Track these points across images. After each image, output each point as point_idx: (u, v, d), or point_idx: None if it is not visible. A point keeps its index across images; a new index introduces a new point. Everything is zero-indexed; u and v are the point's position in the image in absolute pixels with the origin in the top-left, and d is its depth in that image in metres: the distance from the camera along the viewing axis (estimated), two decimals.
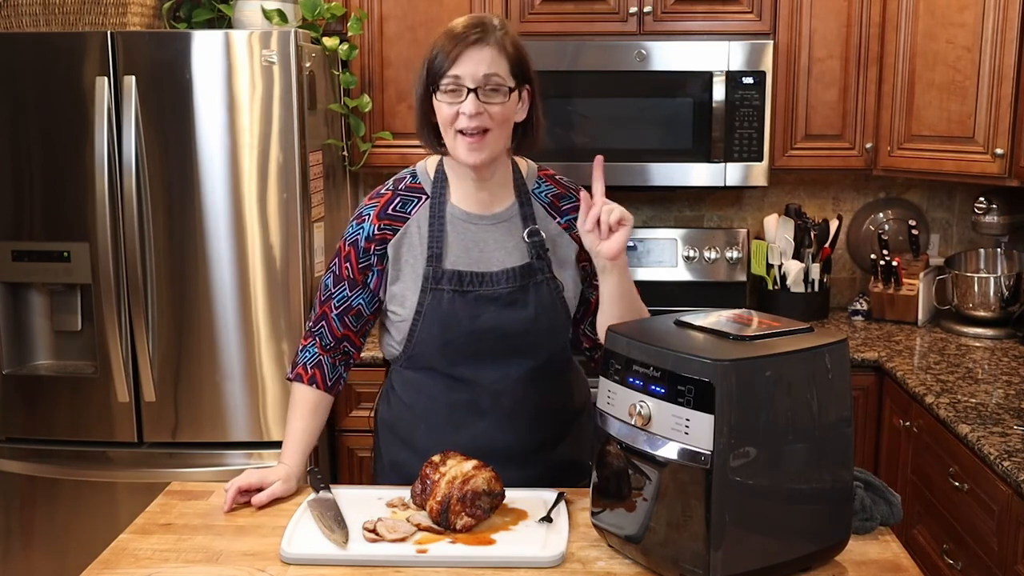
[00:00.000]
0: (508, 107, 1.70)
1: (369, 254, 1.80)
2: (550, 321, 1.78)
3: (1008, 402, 2.37)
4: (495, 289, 1.76)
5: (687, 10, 3.09)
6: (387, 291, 1.82)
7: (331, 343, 1.87)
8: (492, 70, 1.66)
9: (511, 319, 1.76)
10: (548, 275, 1.79)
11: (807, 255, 3.30)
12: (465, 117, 1.66)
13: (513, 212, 1.81)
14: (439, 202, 1.79)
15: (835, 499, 1.45)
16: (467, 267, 1.76)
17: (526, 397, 1.80)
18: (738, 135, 3.04)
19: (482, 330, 1.75)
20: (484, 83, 1.66)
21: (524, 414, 1.81)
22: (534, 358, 1.80)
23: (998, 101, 2.75)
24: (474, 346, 1.76)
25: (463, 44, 1.66)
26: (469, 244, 1.78)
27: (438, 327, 1.76)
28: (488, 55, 1.66)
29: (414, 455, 1.80)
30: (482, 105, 1.66)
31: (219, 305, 2.73)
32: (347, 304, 1.84)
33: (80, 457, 2.81)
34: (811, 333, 1.47)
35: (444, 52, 1.67)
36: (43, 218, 2.74)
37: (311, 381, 1.86)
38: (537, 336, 1.78)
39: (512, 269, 1.77)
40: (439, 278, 1.76)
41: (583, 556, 1.52)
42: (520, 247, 1.79)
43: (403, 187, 1.84)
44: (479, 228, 1.79)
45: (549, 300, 1.77)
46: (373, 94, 3.14)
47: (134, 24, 2.85)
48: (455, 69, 1.66)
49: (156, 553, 1.54)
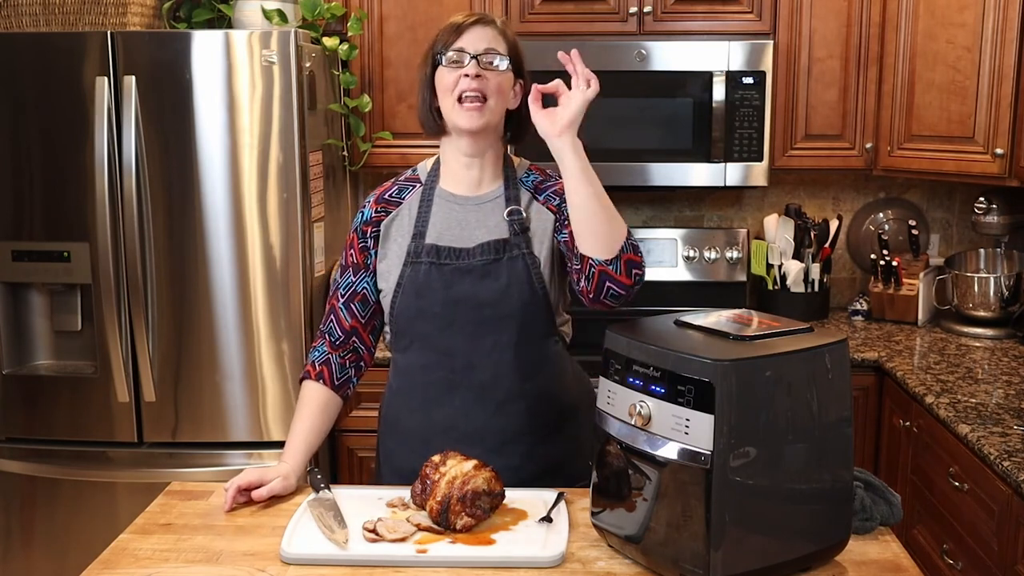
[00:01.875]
0: (505, 79, 1.82)
1: (366, 236, 1.91)
2: (522, 293, 1.82)
3: (1008, 402, 2.37)
4: (471, 262, 1.82)
5: (687, 10, 3.09)
6: (376, 270, 1.90)
7: (341, 338, 1.91)
8: (492, 45, 1.81)
9: (484, 289, 1.82)
10: (525, 250, 1.84)
11: (807, 255, 3.30)
12: (466, 79, 1.77)
13: (498, 194, 1.88)
14: (430, 187, 1.90)
15: (835, 499, 1.45)
16: (447, 242, 1.84)
17: (501, 375, 1.83)
18: (738, 135, 3.04)
19: (455, 299, 1.82)
20: (484, 54, 1.79)
21: (500, 393, 1.84)
22: (507, 332, 1.83)
23: (998, 101, 2.75)
24: (448, 316, 1.82)
25: (466, 24, 1.81)
26: (452, 222, 1.86)
27: (414, 296, 1.83)
28: (489, 33, 1.82)
29: (404, 446, 1.90)
30: (482, 71, 1.78)
31: (219, 305, 2.73)
32: (352, 290, 1.91)
33: (80, 457, 2.81)
34: (811, 333, 1.47)
35: (448, 31, 1.82)
36: (43, 218, 2.74)
37: (318, 377, 1.89)
38: (510, 307, 1.82)
39: (488, 243, 1.83)
40: (419, 252, 1.84)
41: (583, 556, 1.52)
42: (501, 225, 1.85)
43: (403, 178, 1.96)
44: (464, 208, 1.87)
45: (524, 273, 1.82)
46: (373, 94, 3.14)
47: (134, 24, 2.85)
48: (459, 43, 1.80)
49: (156, 553, 1.54)
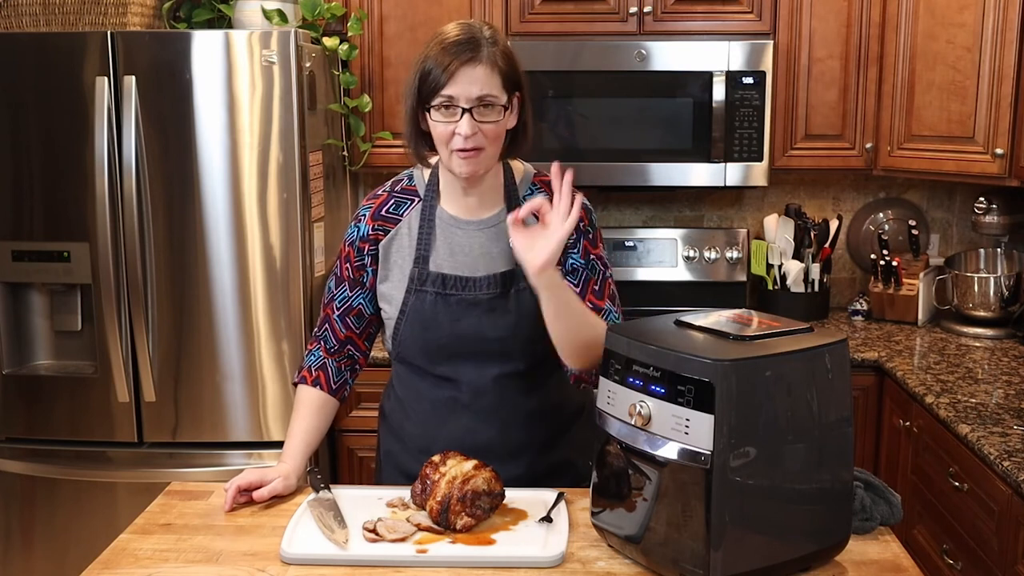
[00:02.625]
0: (501, 124, 1.70)
1: (363, 254, 1.84)
2: (531, 328, 1.75)
3: (1008, 402, 2.37)
4: (477, 295, 1.77)
5: (687, 10, 3.09)
6: (377, 289, 1.85)
7: (335, 346, 1.90)
8: (485, 91, 1.66)
9: (492, 325, 1.77)
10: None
11: (807, 255, 3.30)
12: (460, 138, 1.66)
13: (500, 218, 1.80)
14: (429, 205, 1.82)
15: (835, 499, 1.45)
16: (451, 270, 1.78)
17: (507, 397, 1.81)
18: (738, 135, 3.04)
19: (463, 334, 1.77)
20: (478, 103, 1.66)
21: (505, 412, 1.82)
22: (514, 362, 1.80)
23: (998, 101, 2.75)
24: (454, 348, 1.79)
25: (456, 62, 1.65)
26: (455, 248, 1.80)
27: (420, 328, 1.79)
28: (481, 74, 1.65)
29: (404, 448, 1.88)
30: (476, 125, 1.66)
31: (219, 305, 2.73)
32: (348, 304, 1.87)
33: (80, 457, 2.81)
34: (811, 333, 1.47)
35: (438, 68, 1.66)
36: (43, 218, 2.74)
37: (315, 383, 1.88)
38: (518, 343, 1.78)
39: (495, 275, 1.78)
40: (424, 280, 1.78)
41: (583, 556, 1.52)
42: (506, 253, 1.77)
43: (399, 189, 1.87)
44: (465, 233, 1.81)
45: (530, 307, 1.74)
46: (373, 94, 3.14)
47: (134, 24, 2.85)
48: (448, 89, 1.65)
49: (156, 553, 1.54)
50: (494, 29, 1.73)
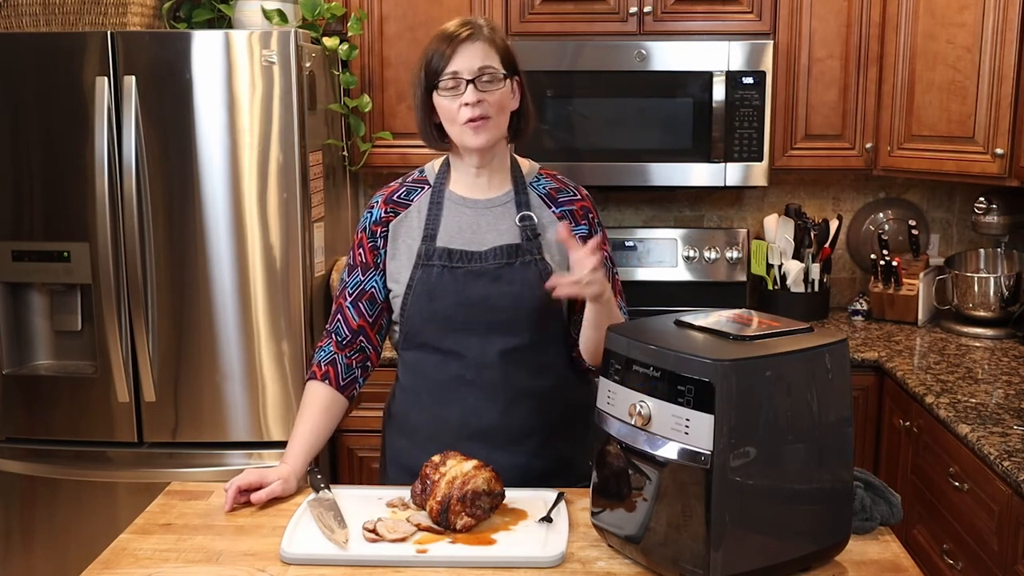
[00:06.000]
0: (504, 94, 1.81)
1: (376, 236, 1.90)
2: (535, 299, 1.82)
3: (1008, 402, 2.37)
4: (483, 265, 1.83)
5: (687, 10, 3.09)
6: (386, 268, 1.89)
7: (347, 337, 1.91)
8: (486, 62, 1.78)
9: (498, 292, 1.82)
10: (537, 256, 1.84)
11: (807, 255, 3.30)
12: (467, 108, 1.76)
13: (508, 198, 1.89)
14: (439, 189, 1.90)
15: (835, 499, 1.45)
16: (459, 246, 1.84)
17: (512, 374, 1.83)
18: (738, 135, 3.04)
19: (469, 302, 1.82)
20: (480, 74, 1.77)
21: (511, 391, 1.84)
22: (518, 336, 1.83)
23: (998, 101, 2.75)
24: (461, 318, 1.82)
25: (456, 42, 1.77)
26: (463, 225, 1.86)
27: (426, 298, 1.83)
28: (480, 49, 1.78)
29: (411, 442, 1.89)
30: (481, 94, 1.77)
31: (219, 305, 2.73)
32: (360, 289, 1.91)
33: (80, 457, 2.81)
34: (811, 333, 1.47)
35: (439, 52, 1.78)
36: (43, 218, 2.74)
37: (324, 377, 1.89)
38: (522, 312, 1.82)
39: (500, 247, 1.84)
40: (431, 255, 1.84)
41: (583, 556, 1.52)
42: (512, 230, 1.85)
43: (410, 179, 1.97)
44: (474, 211, 1.87)
45: (536, 279, 1.81)
46: (373, 94, 3.14)
47: (134, 24, 2.85)
48: (452, 66, 1.77)
49: (156, 553, 1.54)
50: (491, 21, 1.87)
